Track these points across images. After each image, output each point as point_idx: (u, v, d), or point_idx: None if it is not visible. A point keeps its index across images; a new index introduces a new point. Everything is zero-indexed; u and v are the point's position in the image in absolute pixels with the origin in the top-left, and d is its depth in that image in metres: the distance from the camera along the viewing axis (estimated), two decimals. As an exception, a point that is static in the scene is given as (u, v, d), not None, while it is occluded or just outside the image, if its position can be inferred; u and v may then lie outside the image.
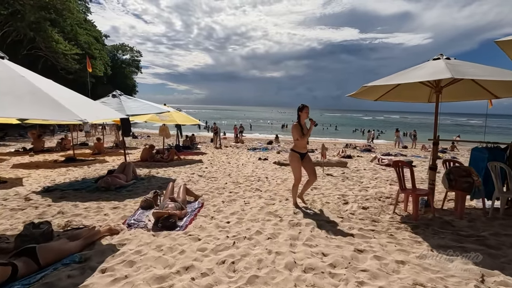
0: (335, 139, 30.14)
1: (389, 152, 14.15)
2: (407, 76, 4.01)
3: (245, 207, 4.62)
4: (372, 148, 17.38)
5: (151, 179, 6.74)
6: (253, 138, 25.30)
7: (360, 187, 6.27)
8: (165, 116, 9.51)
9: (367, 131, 30.29)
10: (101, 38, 47.23)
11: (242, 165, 9.27)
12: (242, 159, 10.88)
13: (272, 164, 9.58)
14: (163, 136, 10.48)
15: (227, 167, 8.79)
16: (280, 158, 11.10)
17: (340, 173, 8.08)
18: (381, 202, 5.17)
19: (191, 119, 10.38)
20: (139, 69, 52.69)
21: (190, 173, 7.55)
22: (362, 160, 11.28)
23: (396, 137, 21.09)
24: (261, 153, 13.21)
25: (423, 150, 18.03)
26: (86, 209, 4.42)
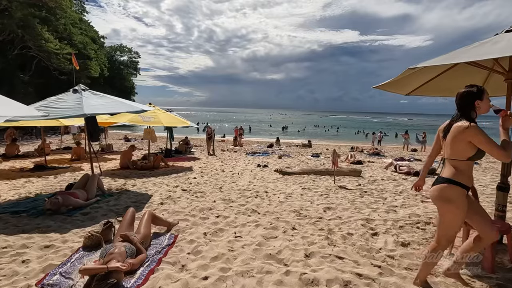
0: (338, 142, 28.73)
1: (402, 156, 12.72)
2: (476, 53, 2.61)
3: (235, 245, 3.20)
4: (380, 151, 15.96)
5: (122, 195, 5.33)
6: (253, 141, 23.92)
7: (386, 207, 4.85)
8: (147, 117, 8.14)
9: (371, 133, 28.83)
10: (98, 39, 46.07)
11: (238, 174, 7.86)
12: (238, 166, 9.47)
13: (272, 172, 8.17)
14: (148, 139, 9.11)
15: (219, 177, 7.38)
16: (281, 164, 9.69)
17: (355, 184, 6.66)
18: (422, 231, 3.76)
19: (181, 121, 9.00)
20: (137, 70, 51.41)
21: (173, 186, 6.14)
22: (375, 167, 9.86)
23: (404, 139, 19.68)
24: (261, 158, 11.80)
25: (435, 153, 16.59)
26: (3, 250, 3.01)
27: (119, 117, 8.38)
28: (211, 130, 13.26)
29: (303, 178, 7.23)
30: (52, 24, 27.61)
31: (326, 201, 5.11)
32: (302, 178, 7.23)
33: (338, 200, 5.25)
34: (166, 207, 4.60)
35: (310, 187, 6.26)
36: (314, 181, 6.89)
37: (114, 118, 8.46)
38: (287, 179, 7.17)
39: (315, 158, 12.15)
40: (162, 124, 8.11)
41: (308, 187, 6.20)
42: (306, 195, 5.57)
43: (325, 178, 7.33)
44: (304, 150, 16.86)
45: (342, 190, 6.02)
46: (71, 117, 4.37)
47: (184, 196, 5.33)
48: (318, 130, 46.63)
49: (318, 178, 7.25)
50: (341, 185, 6.45)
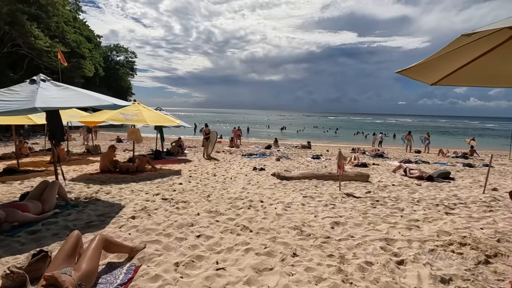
0: (338, 144, 27.93)
1: (408, 158, 11.89)
2: None
3: (215, 283, 2.33)
4: (383, 153, 15.13)
5: (89, 206, 4.44)
6: (250, 142, 23.06)
7: (406, 221, 3.99)
8: (130, 115, 7.25)
9: (371, 134, 28.03)
10: (94, 38, 45.16)
11: (230, 178, 6.98)
12: (232, 169, 8.59)
13: (270, 177, 7.30)
14: (133, 140, 8.23)
15: (209, 182, 6.50)
16: (280, 167, 8.82)
17: (363, 191, 5.79)
18: (460, 257, 2.90)
19: (168, 119, 8.12)
20: (134, 70, 50.51)
21: (154, 194, 5.26)
22: (382, 170, 9.00)
23: (407, 140, 18.87)
24: (258, 160, 10.93)
25: (441, 155, 15.81)
26: None
27: (98, 115, 7.51)
28: (209, 130, 11.87)
29: (303, 184, 6.36)
30: (43, 22, 26.70)
31: (333, 214, 4.24)
32: (302, 184, 6.36)
33: (347, 212, 4.38)
34: (137, 222, 3.72)
35: (312, 194, 5.39)
36: (316, 188, 6.02)
37: (93, 116, 7.58)
38: (286, 184, 6.29)
39: (315, 160, 11.29)
40: (146, 123, 7.25)
41: (310, 195, 5.33)
42: (309, 205, 4.71)
43: (329, 183, 6.47)
44: (303, 151, 16.00)
45: (350, 199, 5.16)
46: (18, 111, 3.50)
47: (163, 207, 4.45)
48: (317, 131, 45.84)
49: (321, 184, 6.39)
50: (348, 193, 5.58)
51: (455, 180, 7.34)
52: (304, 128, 49.49)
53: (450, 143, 28.01)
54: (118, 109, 7.58)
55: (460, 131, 57.85)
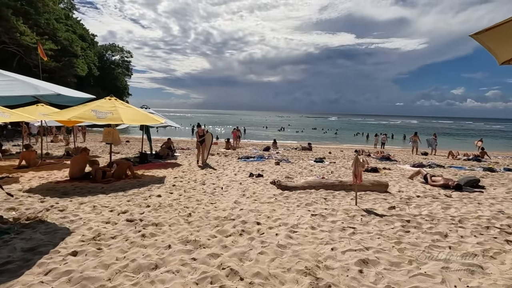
0: (339, 145, 26.84)
1: (421, 162, 10.75)
2: None
3: None
4: (390, 155, 14.00)
5: (25, 232, 3.24)
6: (248, 143, 21.87)
7: (460, 257, 2.81)
8: (103, 112, 6.06)
9: (373, 135, 26.94)
10: (88, 37, 43.92)
11: (221, 188, 5.79)
12: (225, 175, 7.41)
13: (268, 185, 6.13)
14: (109, 142, 7.04)
15: (196, 193, 5.32)
16: (280, 173, 7.64)
17: (384, 205, 4.63)
18: None
19: (151, 118, 6.91)
20: (129, 70, 49.25)
21: (120, 212, 4.06)
22: (396, 176, 7.85)
23: (413, 141, 17.76)
24: (255, 164, 9.75)
25: (451, 157, 14.70)
26: None
27: (65, 112, 6.32)
28: (203, 131, 9.68)
29: (310, 196, 5.19)
30: (32, 18, 25.47)
31: (356, 243, 3.07)
32: (308, 196, 5.19)
33: (374, 240, 3.20)
34: (76, 263, 2.53)
35: (323, 211, 4.22)
36: (326, 201, 4.85)
37: (59, 114, 6.39)
38: (289, 197, 5.11)
39: (319, 164, 10.13)
40: (122, 122, 6.06)
41: (320, 212, 4.17)
42: (320, 228, 3.53)
43: (340, 195, 5.30)
44: (304, 154, 14.85)
45: (372, 218, 3.99)
46: None
47: (124, 233, 3.25)
48: (317, 133, 44.74)
49: (331, 195, 5.22)
50: (368, 209, 4.42)
51: (486, 189, 6.20)
52: (303, 129, 48.40)
53: (455, 145, 26.97)
54: (90, 106, 6.43)
55: (464, 132, 56.89)
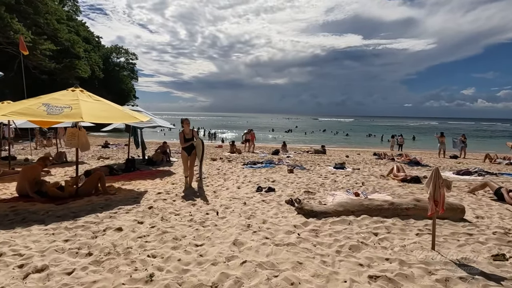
0: (354, 147, 24.87)
1: (467, 168, 8.76)
2: None
3: None
4: (419, 160, 12.02)
5: None
6: (255, 146, 20.06)
7: None
8: (57, 107, 4.37)
9: (389, 136, 24.85)
10: (93, 39, 42.99)
11: (217, 214, 3.98)
12: (226, 188, 5.62)
13: (283, 205, 4.33)
14: (74, 146, 5.35)
15: (177, 223, 3.50)
16: (295, 184, 5.78)
17: (480, 250, 2.78)
18: None
19: (127, 116, 5.12)
20: (134, 72, 48.13)
21: (27, 273, 2.35)
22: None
23: (440, 143, 15.70)
24: (263, 171, 7.94)
25: (488, 161, 12.62)
26: None
27: (5, 107, 4.66)
28: (191, 131, 5.67)
29: (351, 229, 3.33)
30: (30, 18, 24.32)
31: None
32: (349, 229, 3.31)
33: None
34: None
35: (386, 267, 2.38)
36: (381, 242, 2.98)
37: (0, 109, 4.70)
38: (318, 231, 3.27)
39: (340, 172, 8.26)
40: (81, 119, 4.34)
41: (383, 271, 2.34)
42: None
43: (396, 226, 3.42)
44: (318, 158, 12.97)
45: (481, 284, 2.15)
46: None
47: None
48: (326, 135, 42.68)
49: (383, 228, 3.34)
50: (459, 260, 2.56)
51: None
52: (312, 131, 46.36)
53: (481, 147, 24.63)
54: (43, 99, 4.74)
55: (487, 133, 53.78)
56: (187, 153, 5.66)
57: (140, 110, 7.62)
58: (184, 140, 5.55)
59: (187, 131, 5.57)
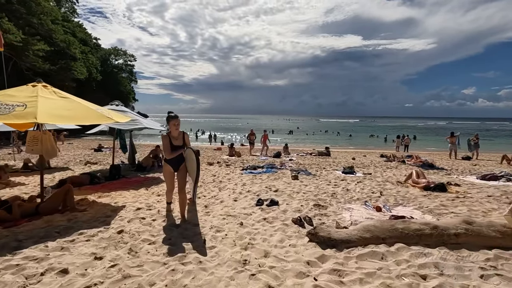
0: (359, 149, 23.95)
1: (493, 172, 7.80)
2: None
3: None
4: (433, 162, 11.08)
5: None
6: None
7: None
8: (7, 105, 3.47)
9: (395, 136, 23.90)
10: (91, 41, 42.22)
11: (204, 242, 3.01)
12: (220, 202, 4.69)
13: (289, 226, 3.41)
14: (36, 153, 4.45)
15: (147, 259, 2.55)
16: (302, 195, 4.81)
17: None
18: None
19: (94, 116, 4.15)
20: (132, 74, 47.30)
21: None
22: (484, 199, 4.98)
23: (451, 143, 14.75)
24: (264, 177, 7.01)
25: (506, 163, 11.67)
26: None
27: None
28: (181, 135, 3.78)
29: (388, 266, 2.39)
30: (22, 18, 23.50)
31: None
32: (384, 266, 2.38)
33: None
34: None
35: None
36: None
37: None
38: (343, 271, 2.33)
39: (351, 178, 7.32)
40: (34, 120, 3.43)
41: None
42: None
43: (447, 260, 2.46)
44: (323, 160, 12.04)
45: None
46: None
47: None
48: (329, 135, 41.73)
49: (432, 267, 2.38)
50: None
51: None
52: (314, 132, 45.40)
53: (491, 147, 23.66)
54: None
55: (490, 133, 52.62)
56: (173, 168, 3.75)
57: (124, 110, 6.71)
58: (170, 148, 3.64)
59: (175, 134, 3.70)
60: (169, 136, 3.66)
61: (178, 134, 3.74)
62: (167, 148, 3.62)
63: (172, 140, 3.66)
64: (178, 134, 3.73)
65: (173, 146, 3.65)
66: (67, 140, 20.87)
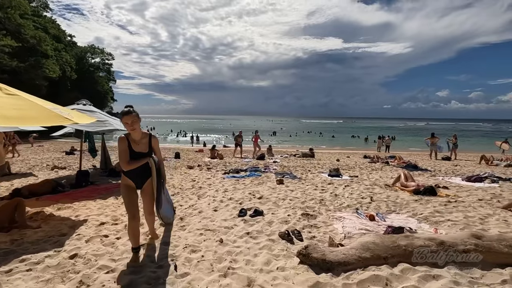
0: (342, 149, 24.04)
1: (478, 174, 7.74)
2: None
3: None
4: (416, 163, 11.06)
5: None
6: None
7: None
8: None
9: (377, 137, 24.16)
10: (65, 38, 40.11)
11: (175, 270, 2.45)
12: (199, 212, 4.17)
13: (276, 242, 2.98)
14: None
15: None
16: (289, 202, 4.35)
17: None
18: None
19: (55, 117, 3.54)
20: (111, 73, 45.41)
21: None
22: (475, 203, 4.77)
23: (431, 144, 14.93)
24: (247, 182, 6.54)
25: (484, 162, 11.85)
26: None
27: None
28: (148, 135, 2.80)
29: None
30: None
31: None
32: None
33: None
34: None
35: None
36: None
37: None
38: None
39: (337, 181, 7.01)
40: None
41: None
42: None
43: (459, 284, 2.12)
44: (308, 162, 11.75)
45: None
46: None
47: None
48: (312, 136, 41.90)
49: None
50: None
51: None
52: (296, 133, 45.46)
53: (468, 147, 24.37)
54: None
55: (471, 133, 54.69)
56: (135, 183, 2.76)
57: (93, 109, 6.03)
58: (128, 155, 2.64)
59: (135, 137, 2.69)
60: (128, 139, 2.66)
61: (141, 136, 2.72)
62: (123, 155, 2.61)
63: (132, 145, 2.66)
64: (140, 137, 2.71)
65: (133, 153, 2.65)
66: (37, 142, 19.44)
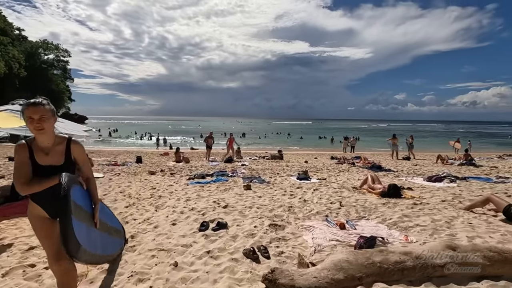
0: (310, 150, 24.39)
1: (437, 174, 8.02)
2: None
3: None
4: (380, 164, 11.38)
5: None
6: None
7: None
8: None
9: (343, 138, 24.86)
10: (11, 32, 36.33)
11: None
12: (154, 227, 3.65)
13: (239, 262, 2.62)
14: None
15: None
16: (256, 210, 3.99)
17: None
18: None
19: None
20: (67, 71, 41.99)
21: None
22: (439, 204, 4.81)
23: (393, 145, 15.60)
24: (213, 188, 6.11)
25: (440, 162, 12.56)
26: None
27: None
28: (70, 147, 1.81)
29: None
30: None
31: None
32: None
33: None
34: None
35: None
36: None
37: None
38: None
39: (306, 184, 6.84)
40: None
41: None
42: None
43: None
44: (276, 164, 11.57)
45: None
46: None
47: None
48: (281, 137, 42.25)
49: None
50: None
51: None
52: (266, 135, 45.59)
53: (423, 147, 25.99)
54: None
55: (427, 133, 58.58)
56: (47, 211, 1.79)
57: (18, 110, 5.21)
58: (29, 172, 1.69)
59: (43, 142, 1.72)
60: (30, 147, 1.71)
61: (54, 142, 1.76)
62: (20, 171, 1.66)
63: (36, 155, 1.71)
64: (52, 143, 1.75)
65: (37, 168, 1.71)
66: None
